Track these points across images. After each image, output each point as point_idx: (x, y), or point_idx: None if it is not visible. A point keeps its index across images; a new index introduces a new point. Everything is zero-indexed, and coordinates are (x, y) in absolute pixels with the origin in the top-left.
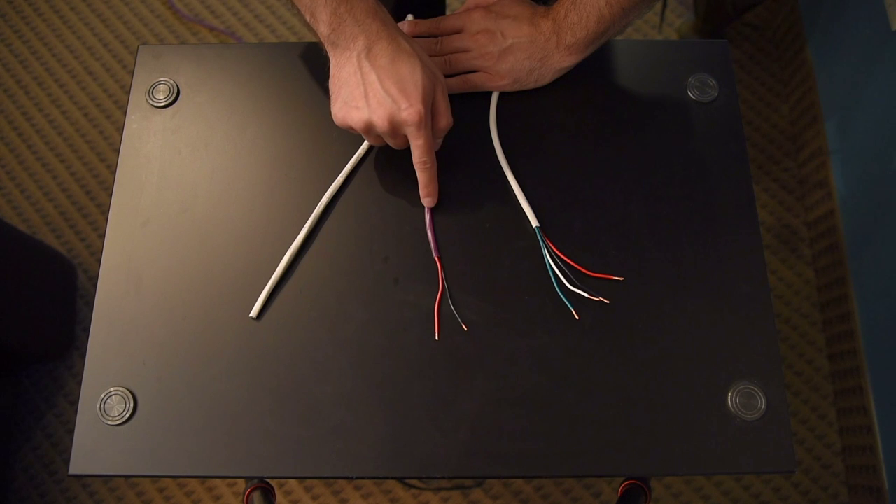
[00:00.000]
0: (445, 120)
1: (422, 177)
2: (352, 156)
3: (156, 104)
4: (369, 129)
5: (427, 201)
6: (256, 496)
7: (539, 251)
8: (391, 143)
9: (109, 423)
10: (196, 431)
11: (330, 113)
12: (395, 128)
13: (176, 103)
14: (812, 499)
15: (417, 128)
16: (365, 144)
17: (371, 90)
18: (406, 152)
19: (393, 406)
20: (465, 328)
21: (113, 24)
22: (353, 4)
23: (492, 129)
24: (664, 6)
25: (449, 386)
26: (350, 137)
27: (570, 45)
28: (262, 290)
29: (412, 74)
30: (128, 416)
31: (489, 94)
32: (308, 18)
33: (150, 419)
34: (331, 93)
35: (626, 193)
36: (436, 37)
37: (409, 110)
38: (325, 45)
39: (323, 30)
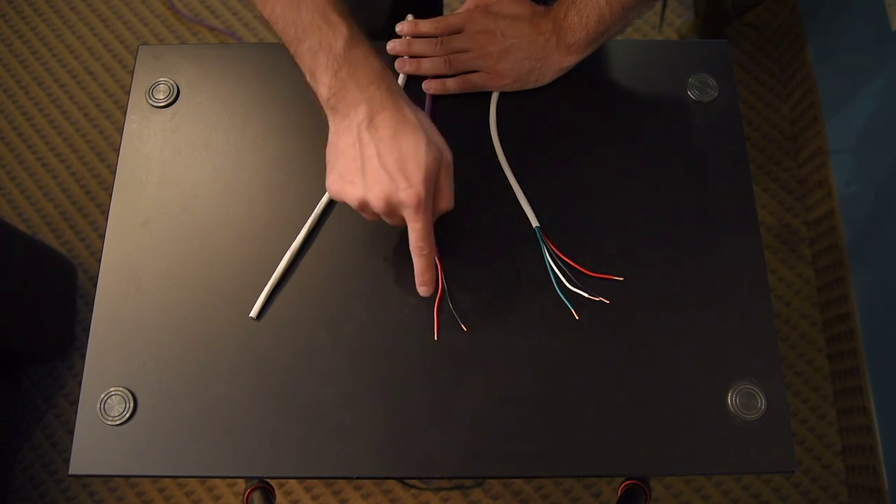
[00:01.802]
0: (446, 202)
1: (418, 263)
2: None
3: (156, 104)
4: (364, 207)
5: (422, 290)
6: (256, 496)
7: (539, 251)
8: (388, 221)
9: (109, 423)
10: (196, 431)
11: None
12: (392, 209)
13: (176, 103)
14: (812, 499)
15: (416, 210)
16: None
17: (369, 165)
18: None
19: (393, 406)
20: (464, 328)
21: (113, 24)
22: (355, 69)
23: (492, 129)
24: (664, 6)
25: (449, 386)
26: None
27: (570, 44)
28: (262, 290)
29: (415, 151)
30: (128, 416)
31: (489, 94)
32: (308, 78)
33: (150, 419)
34: (327, 160)
35: (626, 193)
36: (436, 37)
37: (407, 191)
38: (325, 109)
39: (323, 93)
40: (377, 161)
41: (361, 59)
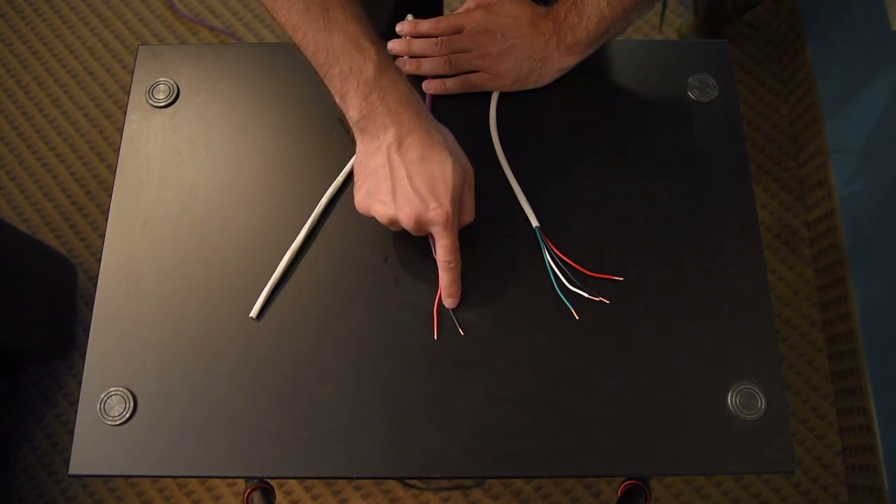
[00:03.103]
0: (469, 216)
1: (445, 277)
2: (352, 156)
3: (156, 104)
4: (393, 223)
5: (449, 302)
6: (256, 496)
7: (539, 251)
8: (414, 234)
9: (109, 423)
10: (196, 431)
11: (330, 112)
12: (422, 226)
13: (176, 103)
14: (812, 499)
15: (444, 227)
16: None
17: (399, 186)
18: None
19: (393, 406)
20: (461, 332)
21: (113, 24)
22: (385, 92)
23: (492, 129)
24: (664, 6)
25: (449, 386)
26: (351, 138)
27: (571, 45)
28: (262, 290)
29: (443, 173)
30: (128, 416)
31: (489, 94)
32: (337, 101)
33: (150, 419)
34: (355, 178)
35: (627, 193)
36: (436, 37)
37: (436, 210)
38: (354, 130)
39: (353, 115)
40: (407, 182)
41: (390, 84)
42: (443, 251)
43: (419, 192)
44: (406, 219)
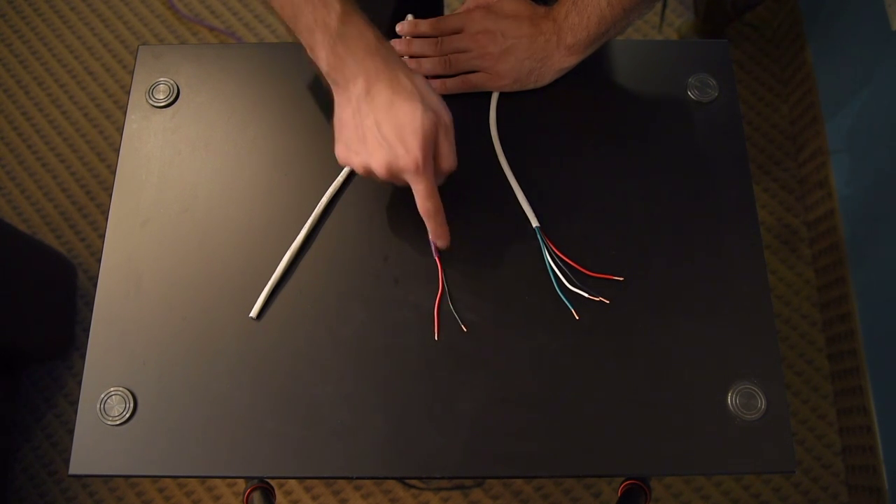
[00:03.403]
0: (448, 162)
1: (428, 224)
2: None
3: (156, 104)
4: (369, 173)
5: (440, 243)
6: (256, 496)
7: (539, 251)
8: (395, 184)
9: (109, 423)
10: (196, 431)
11: (330, 113)
12: (394, 174)
13: (176, 103)
14: (812, 499)
15: (416, 174)
16: None
17: (369, 135)
18: None
19: (393, 406)
20: (464, 329)
21: (113, 24)
22: (350, 43)
23: (492, 129)
24: (664, 6)
25: (449, 386)
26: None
27: (571, 45)
28: (262, 290)
29: (412, 120)
30: (128, 416)
31: (489, 94)
32: (308, 53)
33: (150, 419)
34: (335, 132)
35: (627, 193)
36: (436, 37)
37: (405, 158)
38: (328, 82)
39: (323, 67)
40: (376, 131)
41: (356, 34)
42: (419, 198)
43: (388, 139)
44: (378, 167)
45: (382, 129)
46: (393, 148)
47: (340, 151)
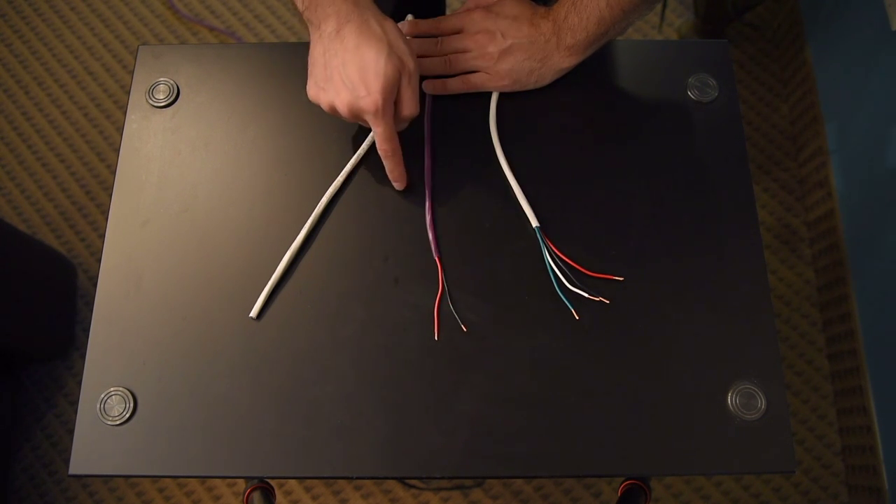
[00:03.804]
0: (409, 109)
1: (386, 164)
2: (352, 156)
3: (156, 104)
4: (333, 111)
5: (397, 185)
6: (256, 496)
7: (539, 251)
8: (354, 122)
9: (109, 423)
10: (196, 431)
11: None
12: (356, 114)
13: (176, 103)
14: (812, 499)
15: (375, 116)
16: (365, 145)
17: (335, 74)
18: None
19: (393, 406)
20: (464, 329)
21: (113, 24)
22: None
23: (492, 129)
24: (664, 6)
25: (449, 386)
26: (350, 138)
27: (571, 46)
28: (262, 290)
29: (376, 62)
30: (128, 416)
31: (489, 94)
32: None
33: (150, 419)
34: (308, 67)
35: (627, 193)
36: (436, 37)
37: (366, 99)
38: (304, 20)
39: (299, 6)
40: (342, 70)
41: None
42: (378, 139)
43: (352, 80)
44: (341, 106)
45: (347, 69)
46: (356, 89)
47: (311, 88)
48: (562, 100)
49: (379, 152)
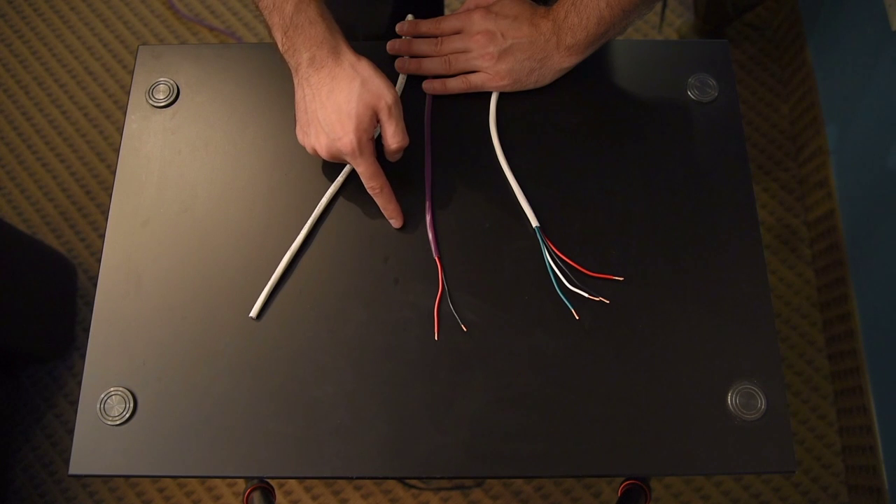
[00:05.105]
0: (395, 141)
1: (377, 201)
2: None
3: (156, 104)
4: (316, 154)
5: (393, 223)
6: (256, 496)
7: (539, 251)
8: (338, 162)
9: (109, 423)
10: (196, 431)
11: (314, 156)
12: (335, 156)
13: (176, 103)
14: (812, 499)
15: (353, 156)
16: None
17: (312, 119)
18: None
19: (393, 406)
20: (464, 329)
21: (113, 24)
22: (300, 31)
23: (492, 129)
24: (664, 6)
25: (449, 386)
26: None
27: (570, 45)
28: (262, 290)
29: (347, 103)
30: (128, 416)
31: (489, 94)
32: (271, 34)
33: (150, 419)
34: (295, 111)
35: (627, 193)
36: (436, 37)
37: (342, 140)
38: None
39: (280, 49)
40: (319, 115)
41: (307, 23)
42: (363, 179)
43: (328, 122)
44: (321, 149)
45: (321, 114)
46: (332, 131)
47: (297, 132)
48: (562, 100)
49: (368, 190)
